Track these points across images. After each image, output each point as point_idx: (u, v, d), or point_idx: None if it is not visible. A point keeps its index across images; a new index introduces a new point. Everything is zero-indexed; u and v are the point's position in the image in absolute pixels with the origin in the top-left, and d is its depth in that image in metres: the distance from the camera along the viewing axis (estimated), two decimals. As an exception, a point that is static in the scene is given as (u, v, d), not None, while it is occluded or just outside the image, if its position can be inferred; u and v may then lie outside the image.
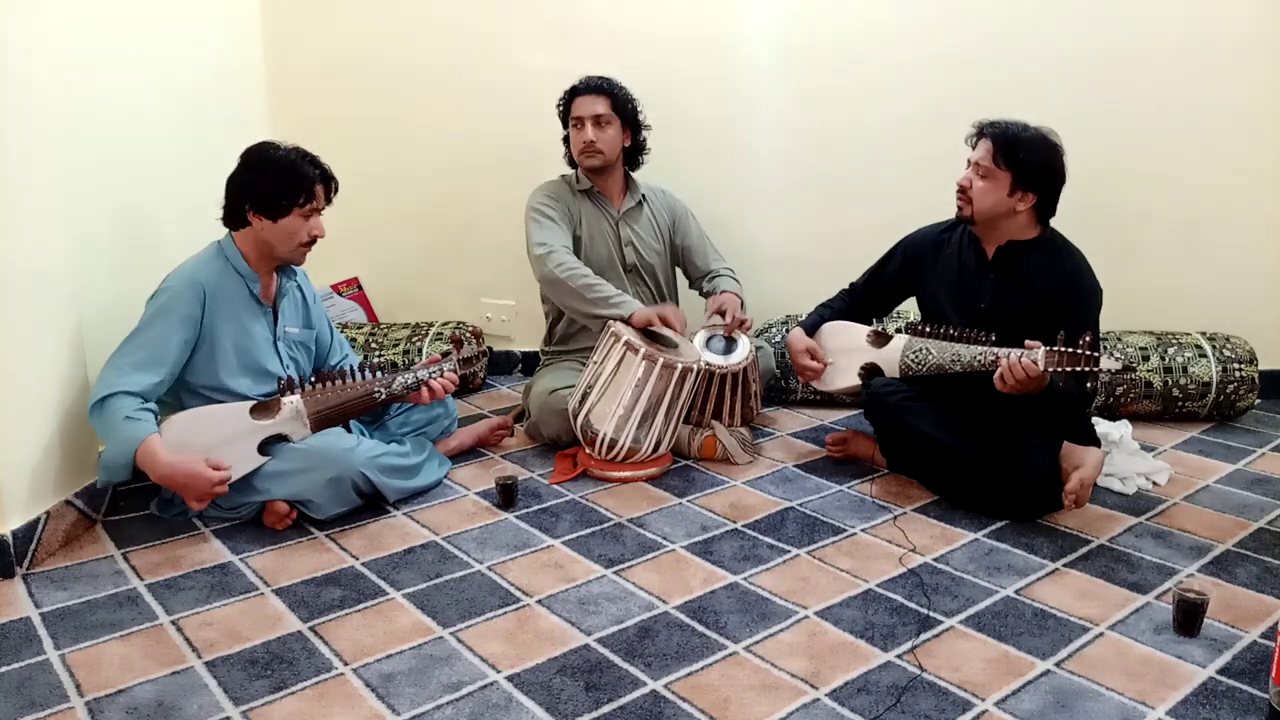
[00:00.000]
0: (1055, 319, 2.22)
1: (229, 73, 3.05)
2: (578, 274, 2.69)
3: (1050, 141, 2.28)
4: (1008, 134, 2.27)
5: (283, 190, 2.20)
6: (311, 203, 2.23)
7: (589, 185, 2.90)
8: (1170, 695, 1.63)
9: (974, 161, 2.32)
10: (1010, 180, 2.27)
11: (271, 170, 2.21)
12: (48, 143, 2.08)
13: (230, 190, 2.24)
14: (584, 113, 2.80)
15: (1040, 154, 2.26)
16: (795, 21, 3.21)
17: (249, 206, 2.22)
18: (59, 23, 2.16)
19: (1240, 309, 3.21)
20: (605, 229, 2.89)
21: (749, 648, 1.77)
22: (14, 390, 2.01)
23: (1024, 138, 2.27)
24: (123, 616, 1.88)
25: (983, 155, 2.29)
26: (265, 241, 2.25)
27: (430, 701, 1.61)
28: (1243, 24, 3.06)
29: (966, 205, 2.34)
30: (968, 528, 2.27)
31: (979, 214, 2.33)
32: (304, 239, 2.26)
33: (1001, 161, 2.26)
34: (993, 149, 2.28)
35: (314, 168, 2.24)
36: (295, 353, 2.43)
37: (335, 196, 2.32)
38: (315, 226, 2.27)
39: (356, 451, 2.26)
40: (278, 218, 2.22)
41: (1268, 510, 2.39)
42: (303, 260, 2.33)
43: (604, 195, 2.91)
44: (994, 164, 2.27)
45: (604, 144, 2.81)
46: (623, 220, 2.92)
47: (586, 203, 2.89)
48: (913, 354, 2.43)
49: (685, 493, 2.49)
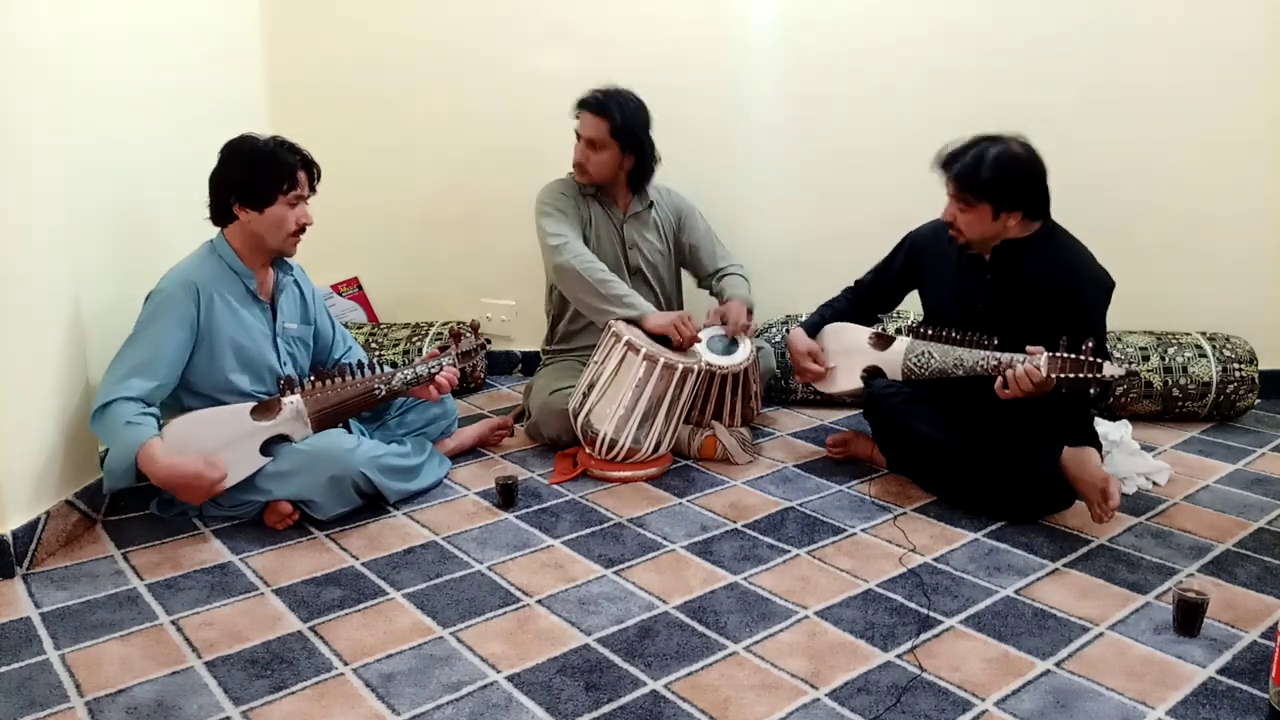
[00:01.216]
0: (1056, 315, 2.22)
1: (229, 72, 3.06)
2: (594, 268, 2.68)
3: (1012, 157, 2.21)
4: (967, 171, 2.23)
5: (264, 179, 2.20)
6: (295, 189, 2.23)
7: (594, 189, 2.88)
8: (1170, 695, 1.63)
9: (950, 195, 2.30)
10: (990, 209, 2.25)
11: (251, 161, 2.21)
12: (46, 142, 2.08)
13: (214, 186, 2.24)
14: (581, 131, 2.76)
15: (1007, 175, 2.21)
16: (795, 21, 3.21)
17: (234, 200, 2.22)
18: (58, 22, 2.16)
19: (1240, 309, 3.21)
20: (611, 231, 2.89)
21: (749, 648, 1.77)
22: (14, 390, 2.01)
23: (988, 170, 2.20)
24: (123, 616, 1.88)
25: (954, 194, 2.28)
26: (255, 234, 2.25)
27: (430, 701, 1.61)
28: (1243, 24, 3.06)
29: (960, 235, 2.33)
30: (968, 528, 2.27)
31: (974, 242, 2.33)
32: (292, 228, 2.26)
33: (972, 197, 2.24)
34: (958, 190, 2.25)
35: (293, 154, 2.24)
36: (294, 349, 2.43)
37: (319, 183, 2.32)
38: (302, 214, 2.27)
39: (357, 452, 2.26)
40: (263, 208, 2.21)
41: (1268, 510, 2.39)
42: (294, 250, 2.32)
43: (610, 199, 2.90)
44: (965, 203, 2.26)
45: (592, 167, 2.76)
46: (628, 223, 2.91)
47: (595, 204, 2.88)
48: (915, 357, 2.43)
49: (685, 493, 2.49)
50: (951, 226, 2.33)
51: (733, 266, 2.99)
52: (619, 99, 2.74)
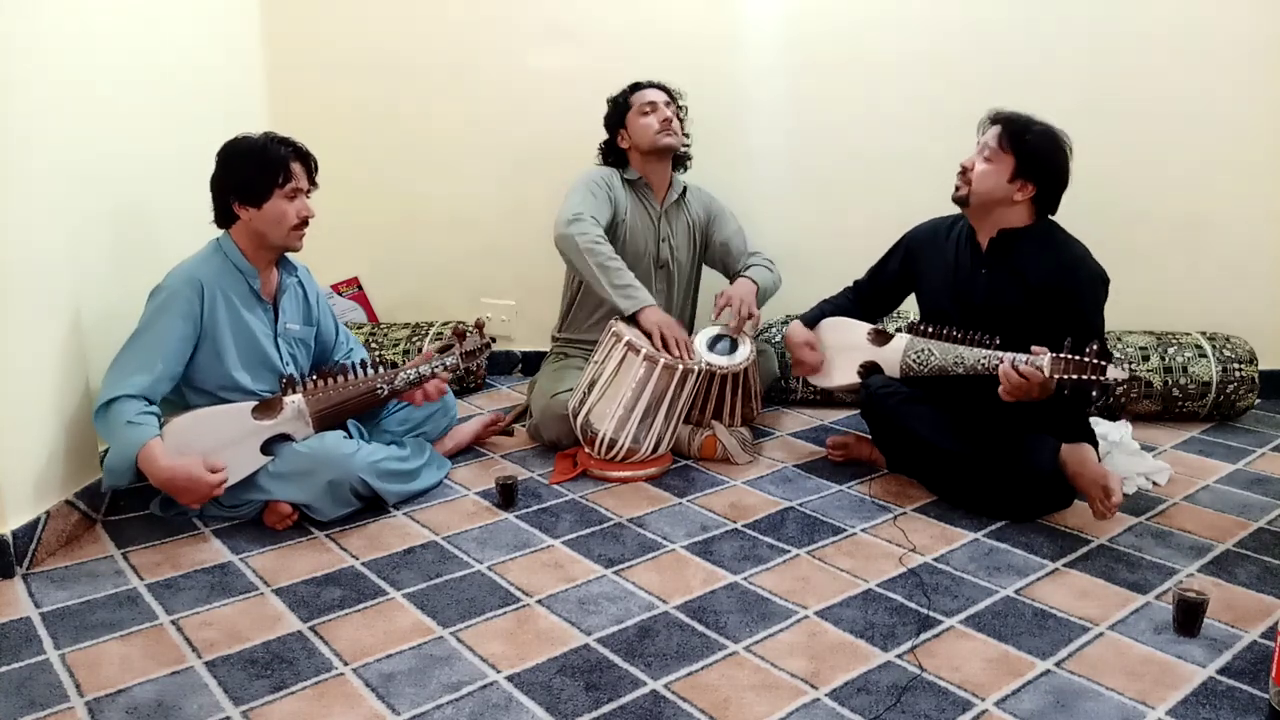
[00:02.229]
0: (1053, 311, 2.22)
1: (229, 73, 3.05)
2: (598, 249, 2.66)
3: (1058, 137, 2.28)
4: (1018, 120, 2.29)
5: (259, 174, 2.22)
6: (291, 181, 2.24)
7: (636, 176, 2.90)
8: (1170, 695, 1.63)
9: (980, 144, 2.33)
10: (1013, 166, 2.26)
11: (245, 158, 2.23)
12: (47, 143, 2.08)
13: (213, 189, 2.26)
14: (656, 99, 2.86)
15: (1046, 145, 2.26)
16: (796, 20, 3.21)
17: (233, 199, 2.24)
18: (58, 19, 2.16)
19: (1240, 309, 3.21)
20: (648, 223, 2.91)
21: (749, 648, 1.77)
22: (14, 390, 2.01)
23: (1033, 127, 2.28)
24: (123, 616, 1.88)
25: (990, 138, 2.30)
26: (257, 232, 2.26)
27: (430, 701, 1.61)
28: (1243, 24, 3.06)
29: (965, 185, 2.33)
30: (968, 528, 2.27)
31: (975, 195, 2.32)
32: (293, 221, 2.26)
33: (1007, 145, 2.26)
34: (1000, 133, 2.28)
35: (285, 146, 2.26)
36: (295, 349, 2.43)
37: (318, 175, 2.33)
38: (302, 208, 2.27)
39: (356, 456, 2.26)
40: (261, 203, 2.22)
41: (1268, 510, 2.39)
42: (299, 245, 2.32)
43: (649, 188, 2.92)
44: (999, 147, 2.27)
45: (677, 127, 2.88)
46: (664, 216, 2.94)
47: (632, 194, 2.90)
48: (914, 354, 2.42)
49: (685, 493, 2.49)
50: (963, 174, 2.34)
51: (759, 256, 3.00)
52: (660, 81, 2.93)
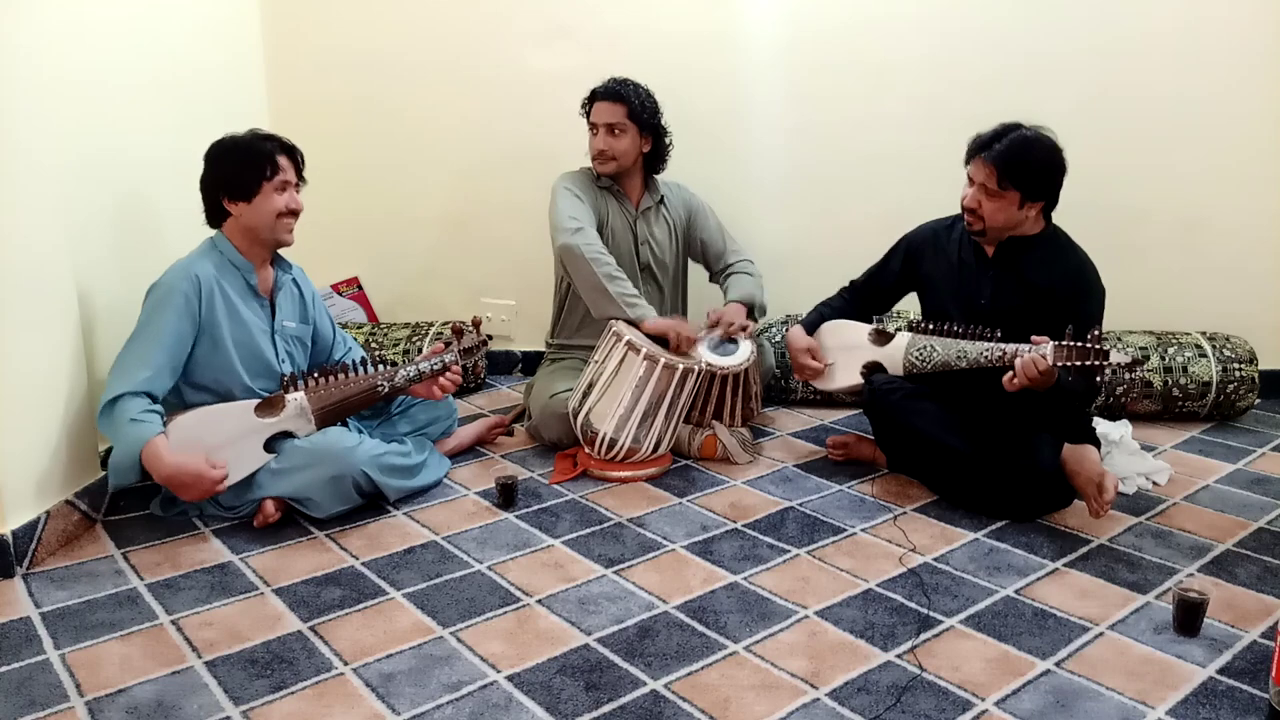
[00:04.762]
0: (1057, 314, 2.22)
1: (229, 72, 3.06)
2: (604, 260, 2.68)
3: (1049, 146, 2.24)
4: (1009, 155, 2.22)
5: (245, 168, 2.24)
6: (278, 174, 2.26)
7: (609, 182, 2.91)
8: (1170, 695, 1.63)
9: (977, 182, 2.28)
10: (1019, 197, 2.25)
11: (232, 154, 2.26)
12: (48, 142, 2.08)
13: (203, 189, 2.29)
14: (599, 119, 2.81)
15: (1043, 164, 2.23)
16: (795, 19, 3.20)
17: (223, 195, 2.26)
18: (58, 16, 2.16)
19: (1240, 309, 3.21)
20: (625, 226, 2.91)
21: (749, 647, 1.77)
22: (14, 390, 2.01)
23: (1027, 156, 2.22)
24: (123, 616, 1.88)
25: (986, 178, 2.25)
26: (249, 227, 2.27)
27: (430, 701, 1.61)
28: (1243, 24, 3.06)
29: (978, 223, 2.31)
30: (968, 527, 2.27)
31: (992, 231, 2.31)
32: (281, 210, 2.28)
33: (1008, 183, 2.24)
34: (996, 174, 2.23)
35: (269, 141, 2.28)
36: (291, 347, 2.43)
37: (305, 169, 2.35)
38: (291, 200, 2.30)
39: (358, 450, 2.26)
40: (251, 198, 2.24)
41: (1268, 510, 2.39)
42: (289, 237, 2.33)
43: (624, 193, 2.92)
44: (999, 186, 2.24)
45: (616, 152, 2.82)
46: (641, 218, 2.93)
47: (609, 198, 2.91)
48: (917, 351, 2.42)
49: (685, 492, 2.49)
50: (972, 213, 2.32)
51: (741, 263, 2.99)
52: (631, 84, 2.84)
